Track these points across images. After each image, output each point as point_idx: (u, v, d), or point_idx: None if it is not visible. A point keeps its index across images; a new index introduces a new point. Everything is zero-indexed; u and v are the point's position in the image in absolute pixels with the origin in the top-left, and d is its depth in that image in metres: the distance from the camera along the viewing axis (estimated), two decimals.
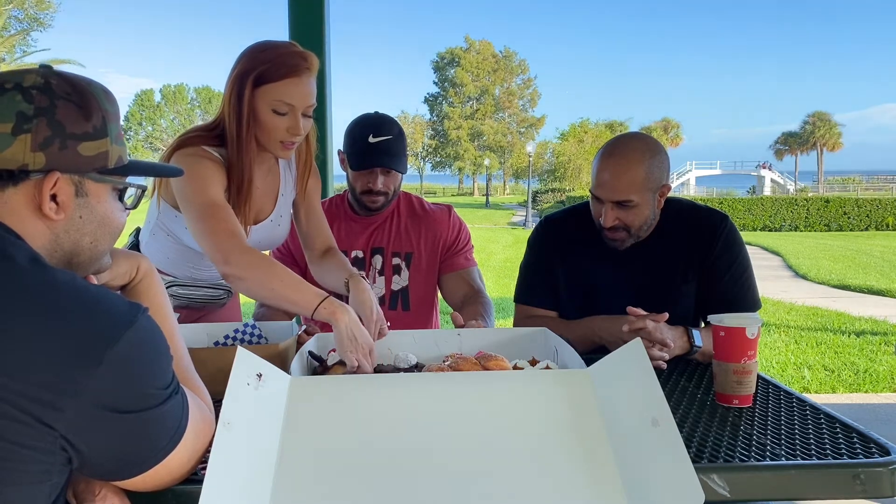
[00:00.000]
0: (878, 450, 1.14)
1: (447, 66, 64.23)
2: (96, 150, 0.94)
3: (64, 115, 0.91)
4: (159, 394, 0.88)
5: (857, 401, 4.75)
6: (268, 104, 1.57)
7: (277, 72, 1.56)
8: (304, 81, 1.59)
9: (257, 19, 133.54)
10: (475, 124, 62.09)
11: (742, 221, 24.99)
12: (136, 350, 0.85)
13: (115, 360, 0.82)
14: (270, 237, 1.85)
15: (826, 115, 56.31)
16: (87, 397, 0.81)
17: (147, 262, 1.14)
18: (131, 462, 0.89)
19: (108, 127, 0.96)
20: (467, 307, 2.03)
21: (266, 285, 1.43)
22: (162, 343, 0.91)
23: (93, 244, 0.98)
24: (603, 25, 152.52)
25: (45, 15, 41.98)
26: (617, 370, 1.13)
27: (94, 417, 0.82)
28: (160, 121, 65.04)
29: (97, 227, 0.98)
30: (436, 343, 1.53)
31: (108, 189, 0.99)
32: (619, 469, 0.98)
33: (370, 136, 1.97)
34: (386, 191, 2.04)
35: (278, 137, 1.61)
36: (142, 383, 0.86)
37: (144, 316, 0.89)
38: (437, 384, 1.16)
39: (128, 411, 0.84)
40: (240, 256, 1.44)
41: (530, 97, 64.25)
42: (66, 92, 0.92)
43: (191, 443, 0.95)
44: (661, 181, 1.78)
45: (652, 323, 1.60)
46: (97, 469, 0.88)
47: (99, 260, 1.02)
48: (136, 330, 0.86)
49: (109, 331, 0.84)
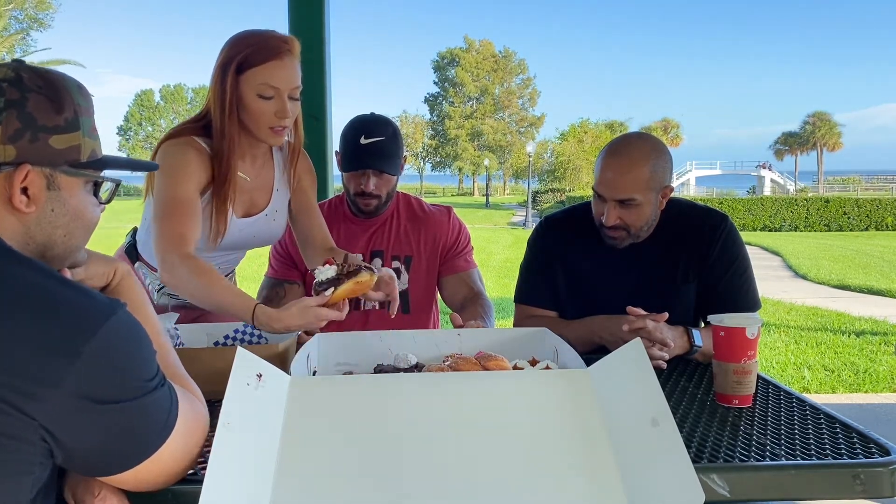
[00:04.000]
0: (878, 450, 1.14)
1: (447, 65, 64.24)
2: (68, 143, 0.94)
3: (35, 107, 0.91)
4: (143, 385, 0.87)
5: (857, 401, 4.75)
6: (253, 89, 1.59)
7: (259, 56, 1.58)
8: (287, 64, 1.60)
9: (257, 20, 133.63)
10: (475, 124, 62.09)
11: (742, 221, 24.97)
12: (116, 341, 0.85)
13: (95, 350, 0.82)
14: (266, 231, 1.85)
15: (826, 115, 56.30)
16: (67, 388, 0.80)
17: (125, 267, 1.12)
18: (119, 456, 0.88)
19: (80, 120, 0.95)
20: (467, 309, 2.02)
21: (198, 297, 1.52)
22: (143, 336, 0.90)
23: (66, 237, 0.98)
24: (603, 25, 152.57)
25: (45, 15, 42.00)
26: (617, 370, 1.13)
27: (76, 408, 0.81)
28: (160, 121, 65.06)
29: (70, 221, 0.98)
30: (436, 343, 1.53)
31: (81, 183, 0.99)
32: (619, 469, 0.98)
33: (361, 137, 1.97)
34: (378, 193, 2.02)
35: (267, 123, 1.62)
36: (123, 374, 0.86)
37: (123, 310, 0.88)
38: (437, 384, 1.15)
39: (110, 402, 0.84)
40: (178, 266, 1.50)
41: (530, 96, 64.26)
42: (38, 85, 0.92)
43: (183, 438, 0.94)
44: (663, 182, 1.78)
45: (652, 323, 1.60)
46: (84, 464, 0.88)
47: (73, 254, 1.02)
48: (116, 321, 0.85)
49: (89, 322, 0.83)
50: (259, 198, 1.81)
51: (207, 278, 1.50)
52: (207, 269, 1.52)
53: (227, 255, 1.89)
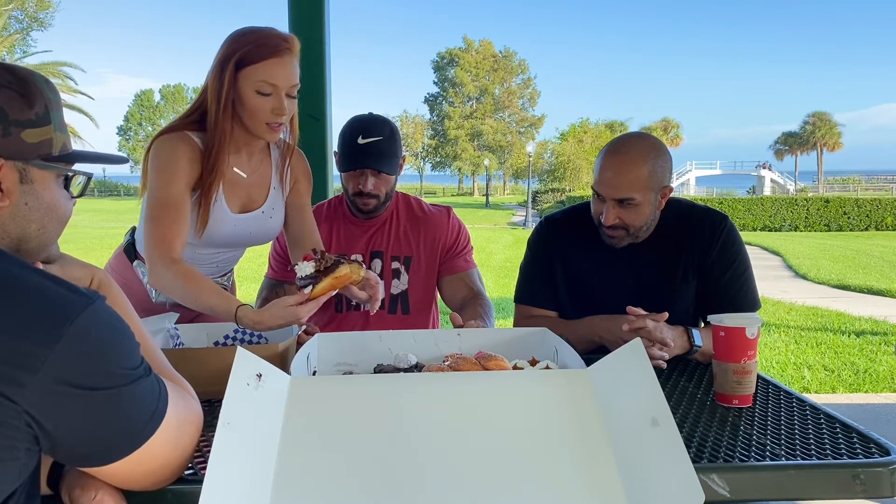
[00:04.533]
0: (878, 450, 1.14)
1: (447, 65, 64.22)
2: (40, 136, 0.95)
3: (6, 102, 0.91)
4: (127, 373, 0.87)
5: (857, 401, 4.75)
6: (251, 86, 1.61)
7: (259, 53, 1.60)
8: (286, 62, 1.62)
9: (257, 20, 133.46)
10: (475, 124, 62.07)
11: (742, 221, 24.98)
12: (97, 328, 0.85)
13: (75, 335, 0.82)
14: (262, 229, 1.86)
15: (826, 115, 56.33)
16: (48, 373, 0.80)
17: (103, 274, 1.12)
18: (105, 446, 0.87)
19: (51, 114, 0.96)
20: (467, 309, 2.02)
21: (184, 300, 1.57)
22: (125, 327, 0.90)
23: (40, 231, 0.99)
24: (603, 25, 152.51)
25: (45, 15, 42.02)
26: (617, 370, 1.13)
27: (58, 394, 0.81)
28: (160, 121, 65.09)
29: (44, 214, 0.98)
30: (436, 343, 1.53)
31: (54, 176, 0.99)
32: (619, 469, 0.98)
33: (359, 137, 1.97)
34: (377, 193, 2.02)
35: (264, 119, 1.64)
36: (105, 360, 0.85)
37: (103, 301, 0.88)
38: (437, 384, 1.15)
39: (93, 388, 0.83)
40: (163, 270, 1.56)
41: (530, 96, 64.24)
42: (8, 80, 0.93)
43: (174, 430, 0.93)
44: (663, 182, 1.78)
45: (652, 322, 1.60)
46: (70, 453, 0.87)
47: (47, 247, 1.02)
48: (95, 309, 0.85)
49: (69, 307, 0.83)
50: (256, 195, 1.82)
51: (192, 282, 1.54)
52: (192, 274, 1.56)
53: (225, 252, 1.90)
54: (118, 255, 1.97)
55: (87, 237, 19.20)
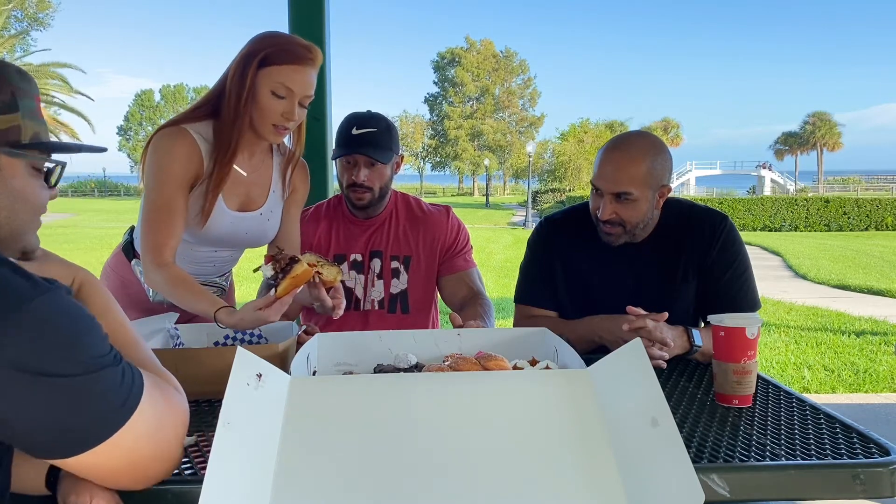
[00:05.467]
0: (878, 450, 1.14)
1: (447, 65, 64.19)
2: (7, 123, 0.95)
3: None
4: (91, 361, 0.85)
5: (857, 401, 4.75)
6: (268, 86, 1.64)
7: (282, 56, 1.64)
8: (307, 71, 1.66)
9: (257, 19, 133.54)
10: (475, 124, 62.04)
11: (742, 221, 24.97)
12: (55, 315, 0.84)
13: (31, 321, 0.81)
14: (259, 230, 1.87)
15: (826, 115, 56.32)
16: (1, 359, 0.79)
17: (85, 274, 1.10)
18: (68, 436, 0.85)
19: (19, 102, 0.96)
20: (467, 309, 2.02)
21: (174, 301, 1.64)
22: (88, 316, 0.89)
23: (9, 218, 0.98)
24: (604, 25, 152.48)
25: (45, 15, 42.01)
26: (617, 370, 1.12)
27: (14, 380, 0.80)
28: (160, 120, 65.03)
29: (13, 202, 0.97)
30: (436, 343, 1.53)
31: (23, 164, 0.98)
32: (619, 469, 0.98)
33: (354, 128, 1.98)
34: (370, 185, 2.02)
35: (272, 120, 1.67)
36: (67, 347, 0.84)
37: (63, 291, 0.87)
38: (437, 384, 1.15)
39: (52, 374, 0.82)
40: (154, 274, 1.63)
41: (530, 96, 64.22)
42: None
43: (151, 423, 0.92)
44: (661, 180, 1.78)
45: (652, 322, 1.60)
46: (31, 442, 0.85)
47: (20, 237, 1.01)
48: (53, 298, 0.84)
49: (21, 293, 0.82)
50: (255, 195, 1.83)
51: (180, 285, 1.60)
52: (180, 277, 1.61)
53: (222, 252, 1.90)
54: (117, 253, 1.97)
55: (87, 237, 19.20)
